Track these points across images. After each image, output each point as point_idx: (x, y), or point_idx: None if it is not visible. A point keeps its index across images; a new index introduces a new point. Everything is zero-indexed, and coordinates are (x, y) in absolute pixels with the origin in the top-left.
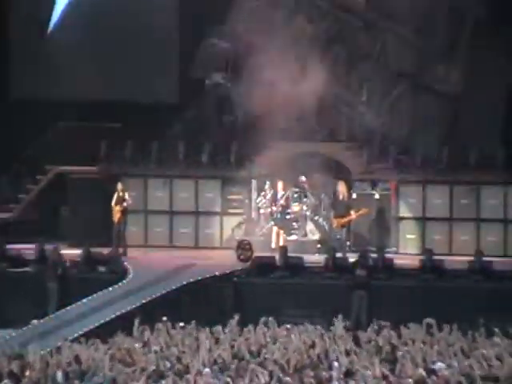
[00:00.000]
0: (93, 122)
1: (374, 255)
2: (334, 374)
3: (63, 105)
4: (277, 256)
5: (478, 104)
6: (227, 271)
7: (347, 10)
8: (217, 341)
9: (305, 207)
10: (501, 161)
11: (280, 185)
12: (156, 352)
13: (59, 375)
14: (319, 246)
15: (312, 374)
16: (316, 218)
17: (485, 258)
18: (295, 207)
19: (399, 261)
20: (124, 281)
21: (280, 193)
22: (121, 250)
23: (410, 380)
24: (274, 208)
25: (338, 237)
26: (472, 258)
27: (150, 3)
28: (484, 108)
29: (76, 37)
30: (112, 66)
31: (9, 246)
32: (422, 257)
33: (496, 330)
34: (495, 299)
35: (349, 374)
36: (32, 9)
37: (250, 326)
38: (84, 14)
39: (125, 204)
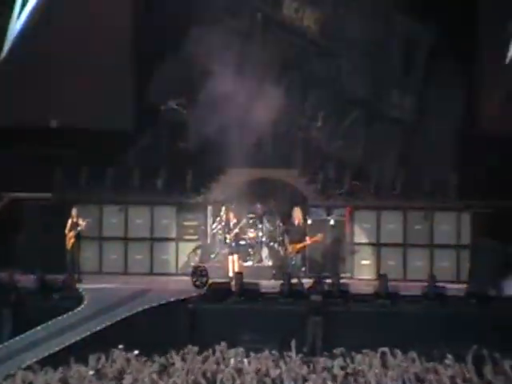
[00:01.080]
0: (47, 149)
1: (329, 281)
2: None
3: (17, 131)
4: (232, 282)
5: (431, 130)
6: (182, 297)
7: (301, 36)
8: (173, 367)
9: (260, 233)
10: (453, 187)
11: (233, 211)
12: (111, 380)
13: None
14: (274, 271)
15: None
16: (271, 244)
17: (438, 283)
18: (251, 233)
19: (354, 286)
20: (79, 308)
21: (233, 220)
22: (75, 277)
23: None
24: (227, 235)
25: (294, 263)
26: (426, 284)
27: (105, 29)
28: (437, 134)
29: (30, 61)
30: (67, 92)
31: None
32: (376, 282)
33: (449, 355)
34: (449, 324)
35: None
36: None
37: (206, 353)
38: (36, 38)
39: (79, 228)
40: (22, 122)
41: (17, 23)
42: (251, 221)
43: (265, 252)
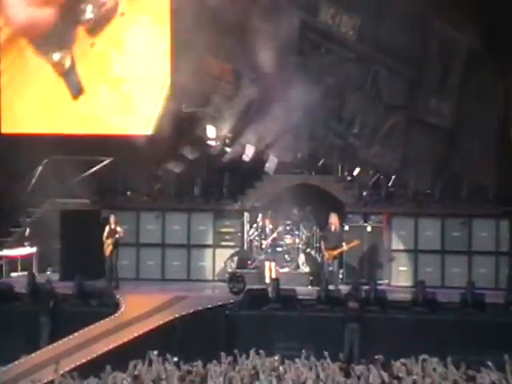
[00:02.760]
0: (85, 156)
1: (366, 287)
2: None
3: (55, 139)
4: (269, 288)
5: (470, 136)
6: (219, 304)
7: (339, 42)
8: (209, 374)
9: (297, 240)
10: (493, 194)
11: (268, 220)
12: None
13: None
14: (311, 278)
15: None
16: (308, 250)
17: (477, 291)
18: (287, 240)
19: (391, 293)
20: (116, 314)
21: (269, 226)
22: (113, 283)
23: None
24: (264, 241)
25: (331, 269)
26: (464, 291)
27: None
28: (477, 140)
29: None
30: (100, 101)
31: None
32: (414, 289)
33: (489, 363)
34: (487, 332)
35: None
36: None
37: (243, 359)
38: None
39: (117, 236)
40: (58, 130)
41: None
42: (288, 227)
43: (301, 258)
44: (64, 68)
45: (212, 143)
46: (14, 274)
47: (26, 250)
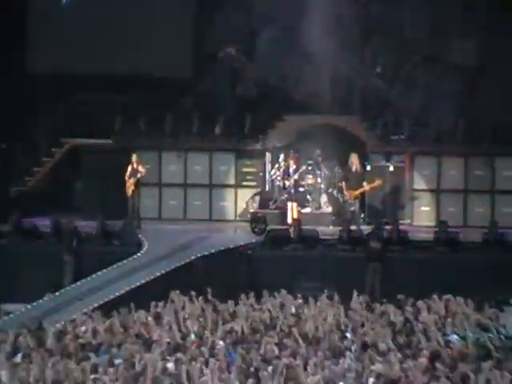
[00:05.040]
0: (107, 95)
1: (388, 227)
2: (348, 345)
3: (78, 78)
4: (291, 228)
5: (493, 76)
6: (241, 244)
7: None
8: (231, 314)
9: (319, 180)
10: None
11: (292, 159)
12: (170, 325)
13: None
14: (333, 218)
15: (327, 345)
16: (330, 190)
17: (499, 230)
18: (309, 180)
19: (414, 233)
20: (138, 253)
21: (293, 166)
22: (135, 223)
23: (426, 352)
24: (287, 182)
25: (353, 209)
26: (486, 230)
27: None
28: (499, 80)
29: (90, 11)
30: (126, 40)
31: (23, 219)
32: (436, 229)
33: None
34: (510, 271)
35: (365, 346)
36: None
37: (265, 299)
38: None
39: (139, 176)
40: (83, 70)
41: None
42: (310, 167)
43: (323, 198)
44: None
45: None
46: None
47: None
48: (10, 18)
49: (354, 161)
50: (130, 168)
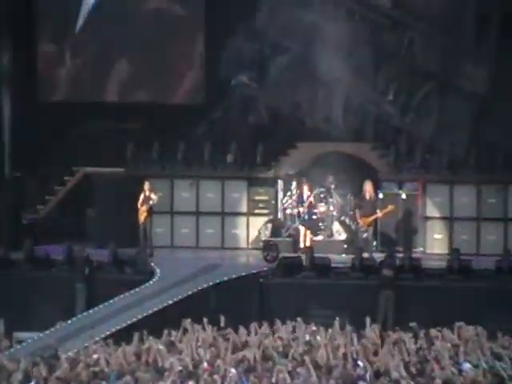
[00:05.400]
0: (119, 123)
1: (401, 255)
2: (361, 373)
3: (89, 106)
4: (303, 256)
5: (505, 103)
6: (253, 272)
7: (373, 9)
8: (243, 342)
9: (331, 207)
10: None
11: (306, 186)
12: (182, 353)
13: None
14: (346, 246)
15: (339, 373)
16: (342, 218)
17: None
18: (322, 207)
19: (426, 261)
20: (151, 281)
21: (306, 193)
22: (147, 251)
23: (439, 380)
24: (301, 208)
25: (365, 236)
26: (499, 258)
27: (176, 3)
28: (511, 107)
29: (102, 38)
30: (138, 67)
31: (36, 248)
32: (449, 257)
33: None
34: None
35: (378, 374)
36: (59, 9)
37: (277, 327)
38: (109, 15)
39: (151, 203)
40: (96, 97)
41: None
42: (322, 195)
43: (336, 226)
44: None
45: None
46: None
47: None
48: (22, 45)
49: (368, 188)
50: (142, 195)
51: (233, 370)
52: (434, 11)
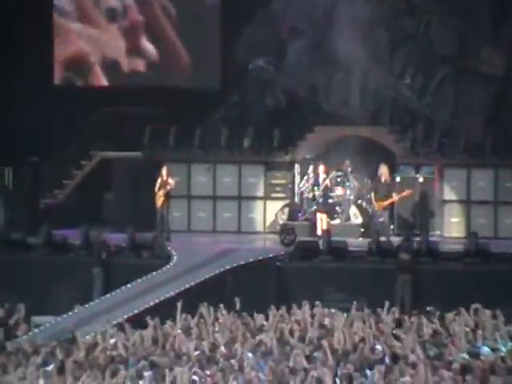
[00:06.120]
0: (136, 108)
1: (418, 239)
2: (378, 357)
3: (107, 90)
4: (320, 240)
5: None
6: (270, 255)
7: None
8: (260, 326)
9: (348, 191)
10: None
11: (322, 169)
12: (199, 338)
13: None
14: (362, 229)
15: (356, 357)
16: (359, 201)
17: None
18: (338, 191)
19: (443, 245)
20: (168, 266)
21: (322, 177)
22: (164, 235)
23: (456, 364)
24: (317, 192)
25: (382, 220)
26: None
27: None
28: None
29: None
30: (156, 51)
31: (53, 232)
32: (466, 240)
33: None
34: None
35: (395, 358)
36: None
37: (294, 311)
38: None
39: (168, 188)
40: (114, 82)
41: None
42: (339, 178)
43: (352, 210)
44: None
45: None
46: None
47: None
48: (37, 30)
49: (384, 172)
50: (159, 180)
51: (250, 355)
52: None
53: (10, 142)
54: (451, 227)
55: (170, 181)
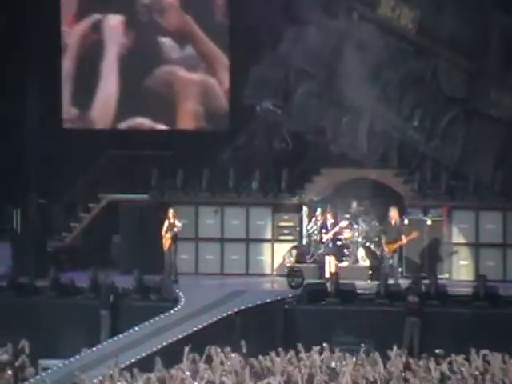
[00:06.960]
0: (144, 150)
1: (426, 282)
2: None
3: (114, 133)
4: (328, 283)
5: None
6: (278, 298)
7: (398, 35)
8: (268, 369)
9: (356, 233)
10: None
11: (330, 215)
12: (207, 381)
13: None
14: (371, 272)
15: None
16: (367, 244)
17: None
18: (346, 234)
19: (452, 287)
20: (175, 308)
21: (330, 220)
22: (172, 278)
23: None
24: (324, 236)
25: (391, 263)
26: None
27: (201, 28)
28: None
29: (125, 68)
30: (162, 93)
31: (61, 275)
32: (475, 283)
33: None
34: None
35: None
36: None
37: (302, 354)
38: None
39: (175, 230)
40: (119, 124)
41: None
42: (347, 221)
43: (361, 252)
44: None
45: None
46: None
47: None
48: (47, 70)
49: (394, 215)
50: (166, 222)
51: None
52: (460, 37)
53: (19, 183)
54: (460, 270)
55: (177, 223)
